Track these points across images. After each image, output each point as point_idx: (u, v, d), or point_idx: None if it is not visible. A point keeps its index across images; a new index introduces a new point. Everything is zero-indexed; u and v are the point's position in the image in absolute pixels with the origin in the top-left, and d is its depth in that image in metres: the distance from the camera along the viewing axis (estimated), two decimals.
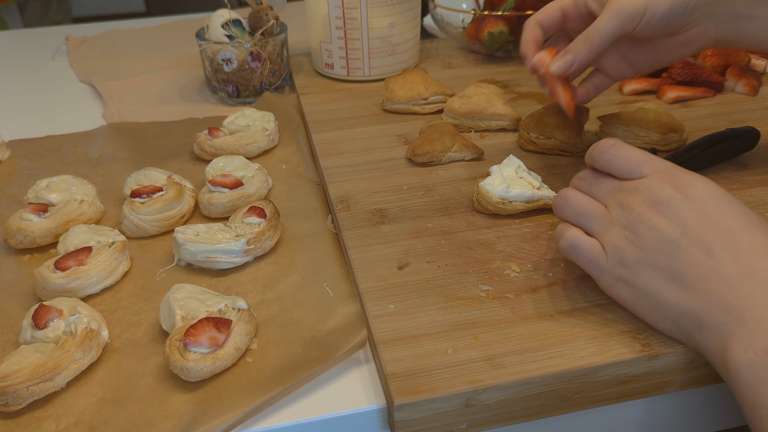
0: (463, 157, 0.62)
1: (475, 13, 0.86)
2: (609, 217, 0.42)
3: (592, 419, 0.44)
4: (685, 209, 0.39)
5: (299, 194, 0.61)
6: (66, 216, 0.55)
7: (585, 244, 0.42)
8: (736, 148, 0.60)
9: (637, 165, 0.42)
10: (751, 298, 0.36)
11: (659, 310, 0.40)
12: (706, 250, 0.38)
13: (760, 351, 0.34)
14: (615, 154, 0.43)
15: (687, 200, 0.39)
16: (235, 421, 0.39)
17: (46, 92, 0.89)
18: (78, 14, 2.62)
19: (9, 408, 0.39)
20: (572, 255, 0.43)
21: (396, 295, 0.45)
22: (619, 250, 0.40)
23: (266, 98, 0.78)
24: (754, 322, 0.35)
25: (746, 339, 0.35)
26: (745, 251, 0.37)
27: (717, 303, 0.37)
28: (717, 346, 0.36)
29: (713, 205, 0.39)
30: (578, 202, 0.43)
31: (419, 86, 0.72)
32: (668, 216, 0.39)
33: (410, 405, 0.38)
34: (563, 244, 0.43)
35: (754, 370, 0.34)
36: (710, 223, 0.38)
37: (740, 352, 0.35)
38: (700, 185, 0.39)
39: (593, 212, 0.42)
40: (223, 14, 0.78)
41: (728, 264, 0.37)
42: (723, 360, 0.36)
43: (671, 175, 0.40)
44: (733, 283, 0.36)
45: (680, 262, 0.38)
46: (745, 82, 0.74)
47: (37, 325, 0.43)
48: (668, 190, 0.40)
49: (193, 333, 0.41)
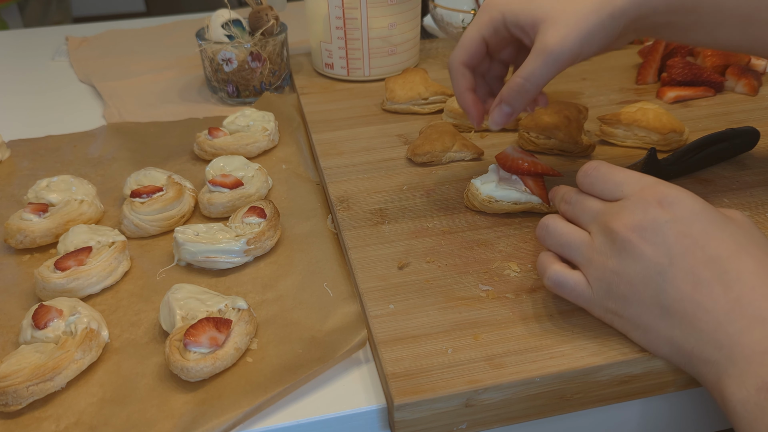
0: (463, 157, 0.62)
1: (475, 13, 0.86)
2: (592, 247, 0.40)
3: (592, 419, 0.44)
4: (671, 234, 0.37)
5: (299, 194, 0.61)
6: (66, 216, 0.55)
7: (569, 280, 0.41)
8: (736, 148, 0.60)
9: (618, 185, 0.41)
10: (741, 335, 0.35)
11: (653, 342, 0.39)
12: (695, 283, 0.36)
13: (753, 389, 0.33)
14: (596, 176, 0.42)
15: (672, 222, 0.37)
16: (235, 421, 0.39)
17: (46, 92, 0.89)
18: (78, 14, 2.62)
19: (9, 408, 0.39)
20: (557, 291, 0.42)
21: (396, 295, 0.45)
22: (605, 284, 0.39)
23: (266, 98, 0.78)
24: (745, 361, 0.34)
25: (738, 377, 0.34)
26: (733, 282, 0.36)
27: (707, 341, 0.36)
28: (712, 381, 0.36)
29: (699, 228, 0.37)
30: (560, 231, 0.42)
31: (419, 86, 0.72)
32: (653, 243, 0.37)
33: (410, 405, 0.38)
34: (547, 282, 0.42)
35: (748, 408, 0.33)
36: (697, 251, 0.37)
37: (734, 389, 0.34)
38: (685, 204, 0.38)
39: (576, 242, 0.41)
40: (223, 14, 0.78)
41: (717, 298, 0.36)
42: (720, 395, 0.36)
43: (654, 192, 0.39)
44: (722, 320, 0.35)
45: (668, 298, 0.37)
46: (745, 82, 0.74)
47: (37, 325, 0.43)
48: (652, 210, 0.38)
49: (193, 333, 0.41)
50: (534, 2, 0.46)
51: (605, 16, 0.45)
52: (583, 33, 0.45)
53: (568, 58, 0.45)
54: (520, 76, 0.47)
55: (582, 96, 0.75)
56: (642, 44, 0.90)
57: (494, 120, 0.50)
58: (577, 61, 0.46)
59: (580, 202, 0.43)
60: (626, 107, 0.65)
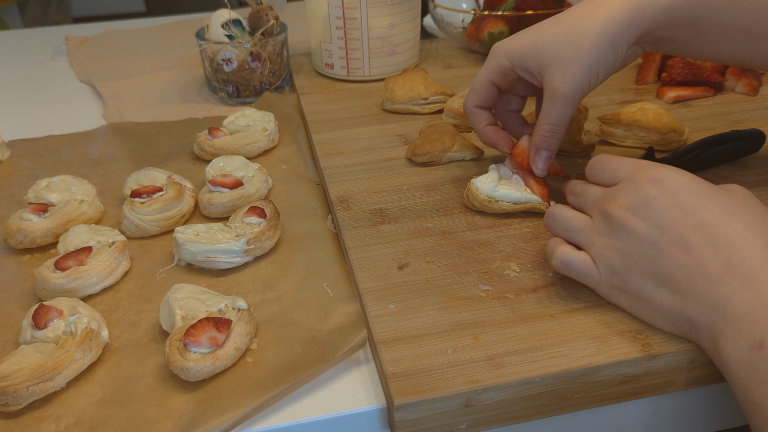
0: (463, 157, 0.62)
1: (475, 13, 0.86)
2: (594, 229, 0.43)
3: (592, 419, 0.44)
4: (661, 207, 0.39)
5: (299, 194, 0.61)
6: (66, 216, 0.55)
7: (576, 259, 0.43)
8: (739, 150, 0.59)
9: (614, 171, 0.43)
10: (733, 296, 0.36)
11: (655, 313, 0.41)
12: (686, 249, 0.38)
13: (746, 348, 0.35)
14: (598, 167, 0.45)
15: (662, 196, 0.39)
16: (235, 421, 0.39)
17: (46, 92, 0.89)
18: (78, 14, 2.62)
19: (9, 408, 0.39)
20: (566, 272, 0.44)
21: (396, 295, 0.45)
22: (607, 259, 0.42)
23: (266, 98, 0.78)
24: (738, 320, 0.36)
25: (733, 337, 0.36)
26: (723, 246, 0.37)
27: (703, 303, 0.37)
28: (711, 344, 0.37)
29: (688, 198, 0.39)
30: (565, 217, 0.45)
31: (419, 86, 0.72)
32: (645, 218, 0.40)
33: (410, 405, 0.38)
34: (555, 263, 0.44)
35: (742, 366, 0.35)
36: (686, 220, 0.39)
37: (729, 350, 0.36)
38: (674, 179, 0.40)
39: (579, 226, 0.44)
40: (223, 14, 0.78)
41: (709, 261, 0.37)
42: (717, 356, 0.37)
43: (645, 172, 0.41)
44: (715, 282, 0.37)
45: (664, 266, 0.39)
46: (745, 82, 0.74)
47: (37, 325, 0.43)
48: (643, 188, 0.40)
49: (193, 333, 0.41)
50: (537, 46, 0.50)
51: (605, 47, 0.47)
52: (586, 69, 0.48)
53: (579, 96, 0.49)
54: (546, 123, 0.50)
55: None
56: None
57: (539, 167, 0.52)
58: (589, 92, 0.49)
59: (584, 192, 0.46)
60: (626, 107, 0.65)
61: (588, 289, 0.45)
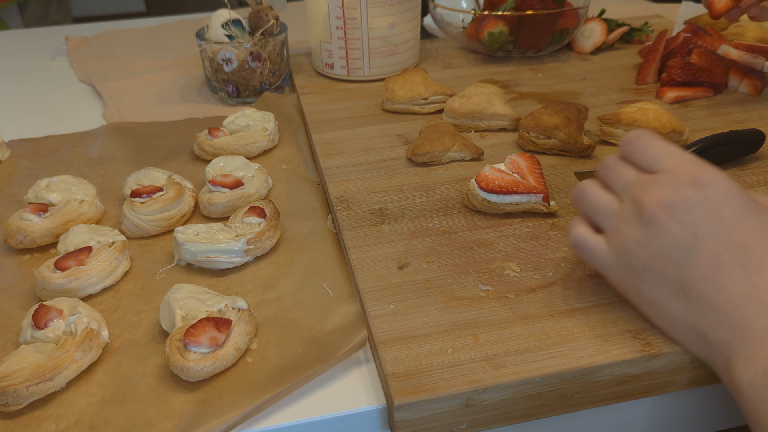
0: (463, 157, 0.62)
1: (475, 13, 0.86)
2: (621, 216, 0.40)
3: (592, 419, 0.44)
4: (700, 215, 0.37)
5: (299, 194, 0.61)
6: (66, 216, 0.55)
7: (589, 242, 0.42)
8: (739, 150, 0.59)
9: (657, 158, 0.40)
10: (755, 319, 0.35)
11: (664, 318, 0.40)
12: (716, 264, 0.37)
13: (761, 371, 0.34)
14: (637, 146, 0.41)
15: (703, 203, 0.37)
16: (235, 421, 0.39)
17: (46, 92, 0.89)
18: (78, 14, 2.62)
19: (9, 408, 0.39)
20: (577, 251, 0.43)
21: (396, 295, 0.45)
22: (626, 252, 0.40)
23: (266, 98, 0.78)
24: (756, 343, 0.35)
25: (748, 359, 0.35)
26: (755, 268, 0.36)
27: (722, 322, 0.36)
28: (722, 362, 0.37)
29: (731, 212, 0.37)
30: (593, 197, 0.43)
31: (419, 86, 0.72)
32: (681, 221, 0.37)
33: (410, 405, 0.38)
34: (570, 239, 0.43)
35: (755, 389, 0.34)
36: (724, 234, 0.37)
37: (743, 371, 0.35)
38: (720, 186, 0.37)
39: (606, 209, 0.41)
40: (223, 14, 0.78)
41: (737, 281, 0.36)
42: (728, 376, 0.36)
43: (690, 171, 0.38)
44: (739, 303, 0.36)
45: (688, 275, 0.37)
46: (748, 81, 0.74)
47: (37, 325, 0.43)
48: (685, 189, 0.38)
49: (193, 333, 0.41)
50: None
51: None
52: None
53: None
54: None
55: (582, 96, 0.75)
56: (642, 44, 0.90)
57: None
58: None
59: (616, 170, 0.42)
60: (626, 107, 0.65)
61: (588, 290, 0.45)
